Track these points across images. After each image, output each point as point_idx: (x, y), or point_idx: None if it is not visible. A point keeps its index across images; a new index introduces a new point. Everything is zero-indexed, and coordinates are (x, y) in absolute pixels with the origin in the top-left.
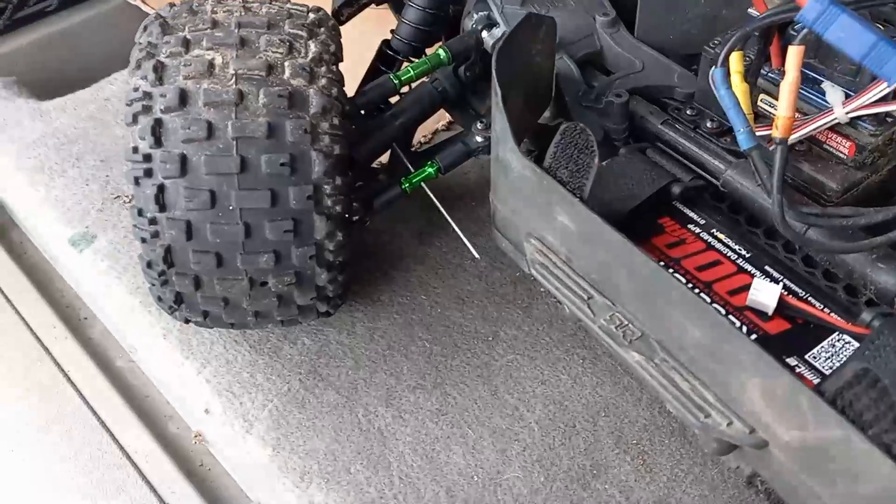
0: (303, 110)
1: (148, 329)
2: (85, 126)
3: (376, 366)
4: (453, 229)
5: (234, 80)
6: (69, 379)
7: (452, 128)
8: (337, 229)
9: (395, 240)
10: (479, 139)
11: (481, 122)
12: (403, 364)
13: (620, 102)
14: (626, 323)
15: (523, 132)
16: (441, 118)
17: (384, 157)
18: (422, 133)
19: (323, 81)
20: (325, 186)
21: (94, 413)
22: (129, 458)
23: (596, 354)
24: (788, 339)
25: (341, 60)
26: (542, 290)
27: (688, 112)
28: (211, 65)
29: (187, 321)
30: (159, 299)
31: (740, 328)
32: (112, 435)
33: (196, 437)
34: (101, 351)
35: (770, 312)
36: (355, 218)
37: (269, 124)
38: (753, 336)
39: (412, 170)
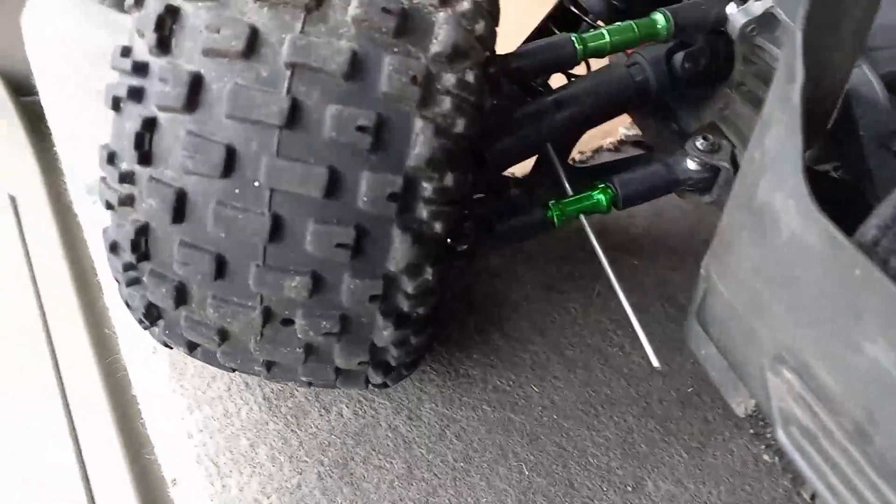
0: (419, 44)
1: (138, 331)
2: None
3: (439, 482)
4: (614, 299)
5: None
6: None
7: (624, 150)
8: (426, 261)
9: (511, 289)
10: (692, 165)
11: (705, 139)
12: (482, 495)
13: None
14: None
15: None
16: (611, 131)
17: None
18: (578, 148)
19: (465, 5)
20: (424, 183)
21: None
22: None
23: None
24: None
25: None
26: (763, 445)
27: None
28: None
29: (167, 346)
30: (127, 304)
31: None
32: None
33: (173, 482)
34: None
35: None
36: (462, 248)
37: (353, 54)
38: None
39: (569, 190)
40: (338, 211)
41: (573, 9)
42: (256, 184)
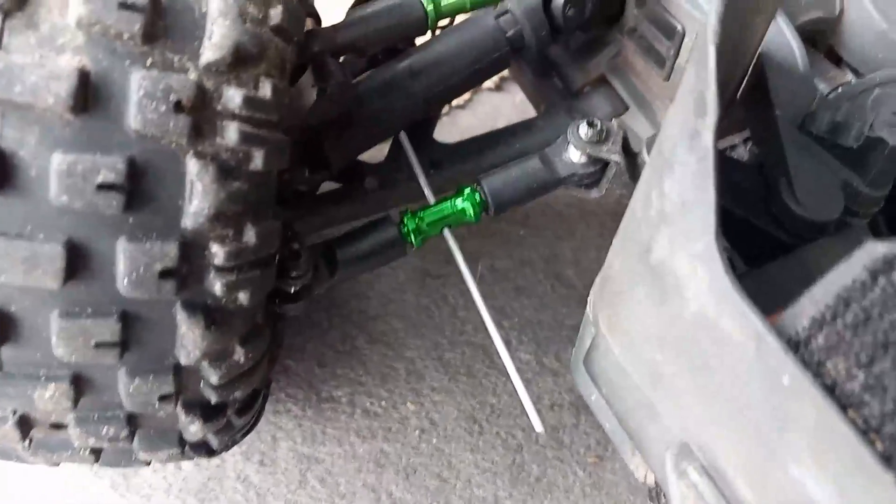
0: (183, 50)
1: None
2: None
3: None
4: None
5: None
6: None
7: (506, 86)
8: (232, 341)
9: (378, 279)
10: (576, 157)
11: (590, 125)
12: None
13: None
14: None
15: None
16: None
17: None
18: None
19: None
20: (213, 246)
21: None
22: None
23: None
24: None
25: None
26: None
27: None
28: None
29: None
30: None
31: None
32: None
33: None
34: None
35: None
36: (294, 288)
37: (83, 76)
38: None
39: (430, 196)
40: (90, 299)
41: None
42: None
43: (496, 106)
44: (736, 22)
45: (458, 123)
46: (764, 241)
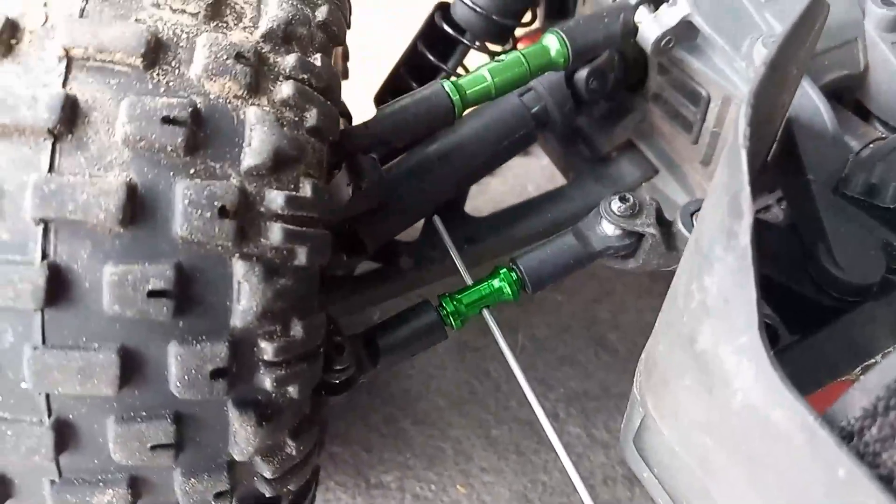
0: (225, 158)
1: None
2: None
3: None
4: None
5: (64, 64)
6: None
7: (532, 150)
8: (284, 435)
9: (418, 356)
10: (610, 230)
11: (622, 200)
12: None
13: None
14: None
15: None
16: None
17: None
18: None
19: (285, 90)
20: (262, 343)
21: None
22: None
23: None
24: None
25: (341, 42)
26: None
27: None
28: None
29: None
30: None
31: None
32: None
33: None
34: None
35: None
36: (338, 379)
37: (130, 190)
38: None
39: (466, 276)
40: (144, 403)
41: (448, 28)
42: (24, 386)
43: (524, 169)
44: (764, 108)
45: (486, 190)
46: (806, 304)
